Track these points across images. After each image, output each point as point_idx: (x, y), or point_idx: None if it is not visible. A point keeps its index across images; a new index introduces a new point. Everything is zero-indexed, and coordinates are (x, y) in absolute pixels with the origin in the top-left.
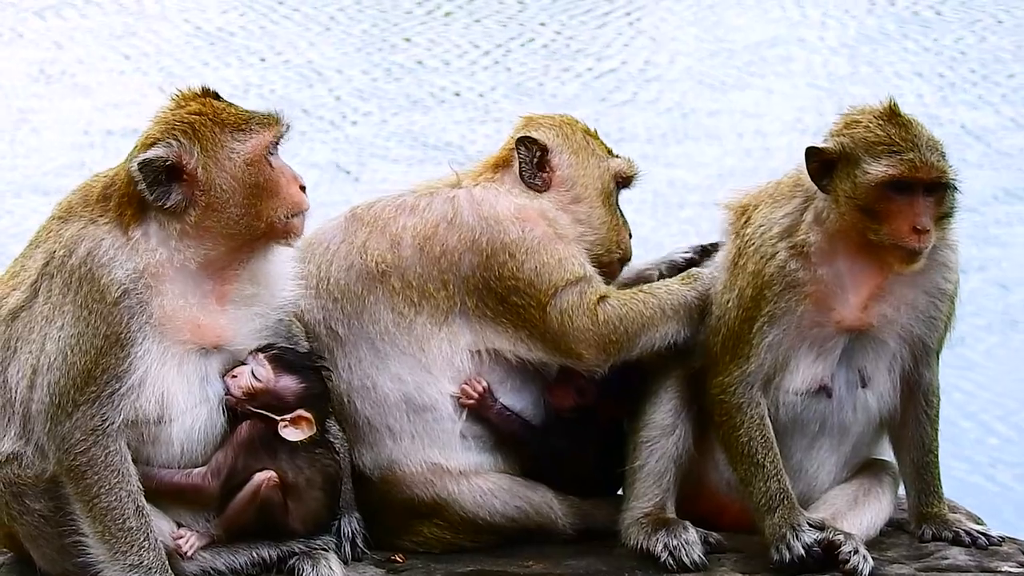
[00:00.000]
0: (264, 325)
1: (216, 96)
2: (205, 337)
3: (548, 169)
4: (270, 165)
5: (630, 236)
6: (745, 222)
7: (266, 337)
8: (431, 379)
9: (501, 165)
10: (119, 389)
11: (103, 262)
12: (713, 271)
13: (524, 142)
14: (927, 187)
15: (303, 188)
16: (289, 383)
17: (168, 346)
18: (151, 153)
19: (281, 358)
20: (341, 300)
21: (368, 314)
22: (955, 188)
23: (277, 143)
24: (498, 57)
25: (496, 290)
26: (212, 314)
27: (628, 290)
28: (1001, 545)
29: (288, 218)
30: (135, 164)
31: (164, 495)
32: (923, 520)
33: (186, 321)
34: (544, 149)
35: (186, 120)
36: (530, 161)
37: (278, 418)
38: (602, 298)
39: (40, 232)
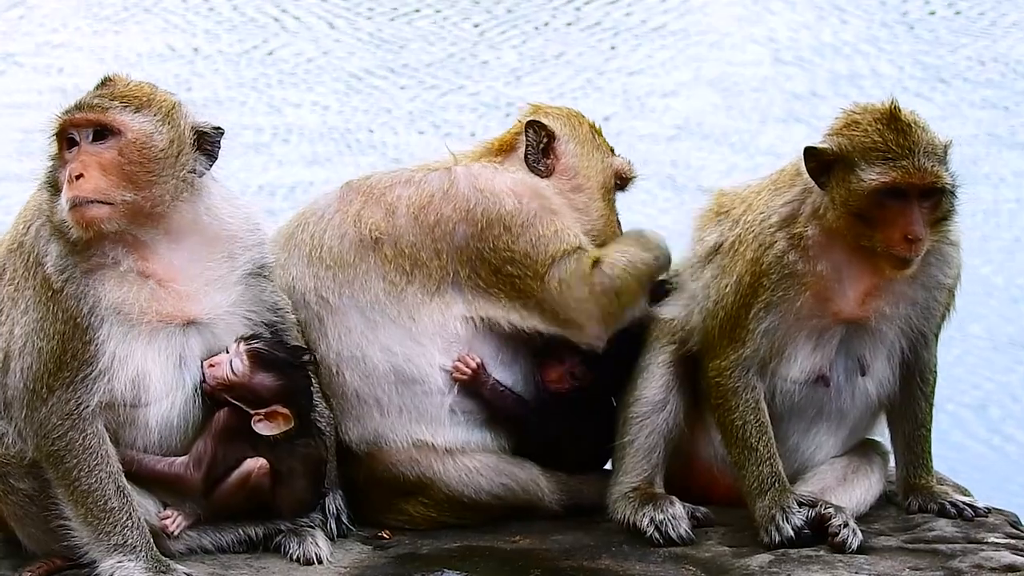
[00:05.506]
0: (230, 298)
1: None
2: (167, 315)
3: (553, 156)
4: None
5: None
6: (746, 208)
7: (243, 311)
8: (421, 350)
9: (505, 149)
10: (91, 373)
11: (43, 245)
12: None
13: (533, 126)
14: (922, 192)
15: (76, 177)
16: (265, 380)
17: (131, 327)
18: None
19: (261, 353)
20: (333, 268)
21: (359, 283)
22: (952, 193)
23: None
24: None
25: (490, 261)
26: (161, 291)
27: (608, 248)
28: (987, 516)
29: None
30: None
31: (147, 481)
32: (910, 491)
33: (137, 300)
34: (552, 136)
35: None
36: (536, 146)
37: (252, 412)
38: (596, 262)
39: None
